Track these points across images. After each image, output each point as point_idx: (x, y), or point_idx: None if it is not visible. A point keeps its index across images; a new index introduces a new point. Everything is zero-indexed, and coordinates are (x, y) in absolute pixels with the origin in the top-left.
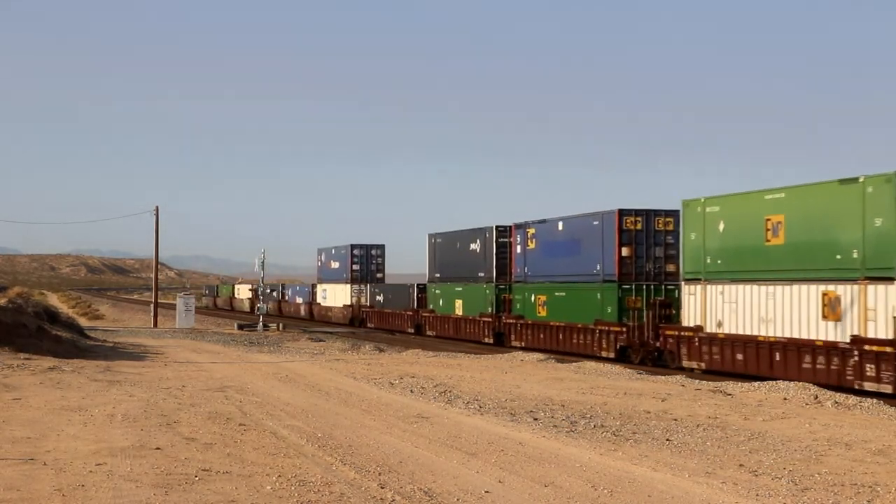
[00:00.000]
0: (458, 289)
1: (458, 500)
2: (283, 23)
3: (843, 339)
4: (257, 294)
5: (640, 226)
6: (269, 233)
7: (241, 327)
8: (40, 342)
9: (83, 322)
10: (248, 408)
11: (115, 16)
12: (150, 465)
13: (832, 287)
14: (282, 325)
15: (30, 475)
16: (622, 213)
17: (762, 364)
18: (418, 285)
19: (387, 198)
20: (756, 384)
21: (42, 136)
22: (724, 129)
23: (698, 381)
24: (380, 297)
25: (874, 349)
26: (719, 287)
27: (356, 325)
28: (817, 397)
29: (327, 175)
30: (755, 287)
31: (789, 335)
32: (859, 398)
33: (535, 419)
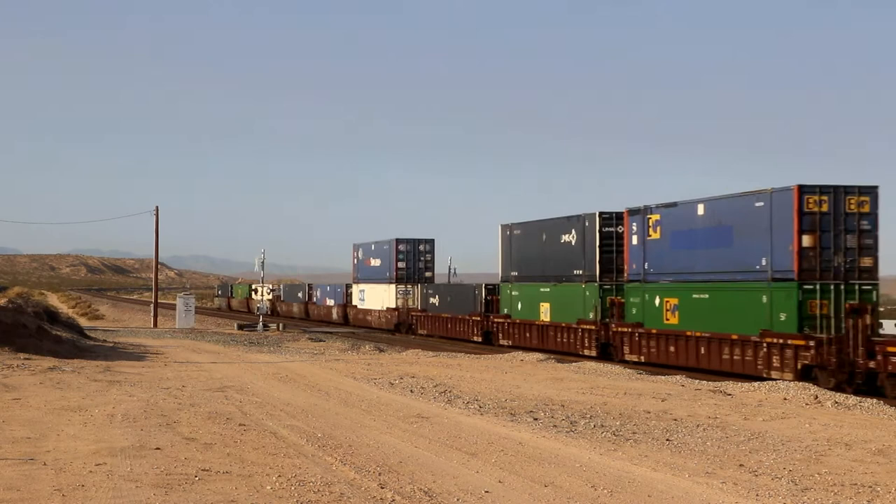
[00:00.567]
0: (545, 290)
1: (458, 500)
2: (282, 22)
3: None
4: (280, 296)
5: (825, 207)
6: (270, 233)
7: (241, 327)
8: (40, 342)
9: (83, 322)
10: (248, 408)
11: (115, 15)
12: (150, 465)
13: None
14: (282, 326)
15: (30, 475)
16: (802, 189)
17: None
18: (487, 286)
19: (387, 198)
20: (756, 384)
21: (42, 136)
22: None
23: (698, 381)
24: (434, 300)
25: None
26: None
27: (403, 331)
28: (817, 397)
29: (327, 175)
30: None
31: None
32: (859, 398)
33: (535, 419)
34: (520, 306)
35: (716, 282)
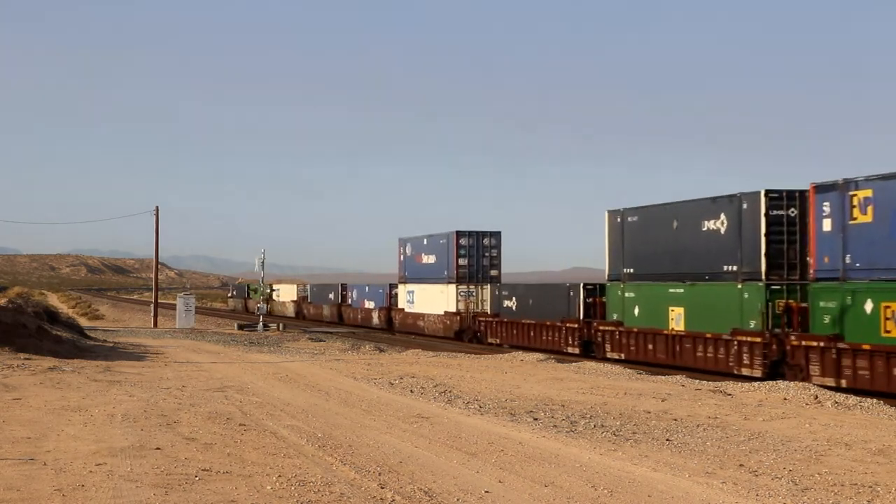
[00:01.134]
0: (676, 291)
1: (458, 500)
2: (282, 22)
3: None
4: (306, 297)
5: None
6: (270, 233)
7: (241, 327)
8: (40, 342)
9: (83, 322)
10: (248, 408)
11: (115, 15)
12: (150, 465)
13: None
14: (282, 326)
15: (30, 475)
16: None
17: None
18: (587, 286)
19: (387, 199)
20: (756, 384)
21: (42, 136)
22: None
23: (698, 381)
24: (510, 303)
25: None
26: None
27: (466, 338)
28: (817, 397)
29: (325, 175)
30: None
31: None
32: (859, 398)
33: (535, 419)
34: (637, 311)
35: None
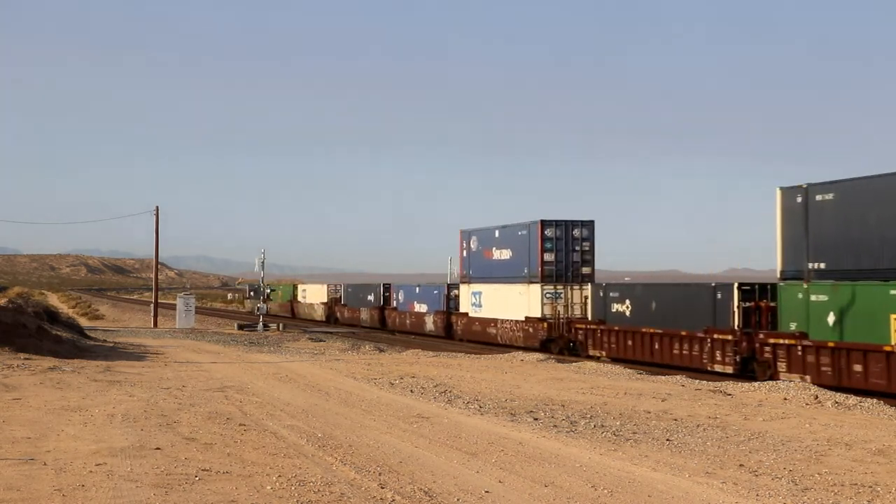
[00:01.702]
0: None
1: (458, 500)
2: (282, 22)
3: None
4: (339, 299)
5: None
6: (270, 233)
7: (241, 327)
8: (40, 342)
9: (83, 322)
10: (248, 408)
11: (115, 15)
12: (150, 465)
13: None
14: (282, 326)
15: (30, 475)
16: None
17: None
18: (742, 287)
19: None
20: (756, 384)
21: (42, 136)
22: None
23: (698, 381)
24: (622, 307)
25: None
26: None
27: (556, 350)
28: (817, 397)
29: (327, 175)
30: None
31: None
32: (859, 398)
33: (536, 419)
34: (831, 319)
35: None
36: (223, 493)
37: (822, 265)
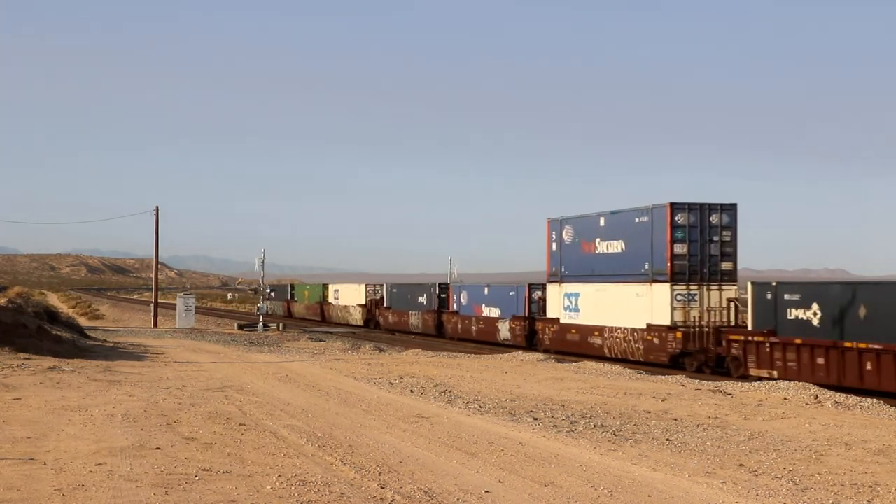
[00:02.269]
0: None
1: (458, 500)
2: (282, 21)
3: None
4: (381, 301)
5: None
6: (270, 233)
7: (241, 327)
8: (40, 342)
9: (83, 322)
10: (248, 408)
11: (116, 15)
12: (150, 465)
13: None
14: (282, 325)
15: (30, 475)
16: None
17: None
18: None
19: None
20: (756, 384)
21: (42, 136)
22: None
23: (698, 381)
24: (807, 313)
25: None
26: None
27: (697, 366)
28: (817, 397)
29: (327, 174)
30: None
31: None
32: (859, 398)
33: (535, 419)
34: None
35: None
36: (223, 492)
37: None
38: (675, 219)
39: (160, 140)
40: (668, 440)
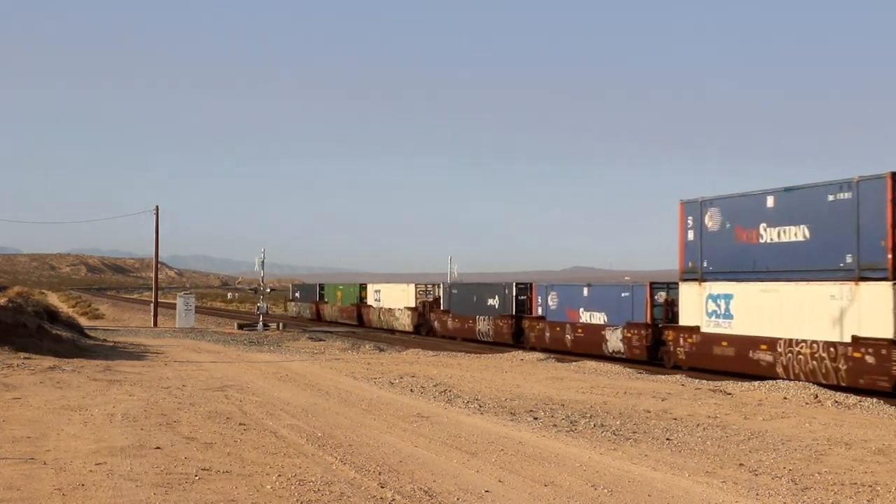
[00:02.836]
0: None
1: (458, 499)
2: (283, 21)
3: None
4: (437, 303)
5: None
6: (270, 233)
7: (241, 327)
8: (40, 341)
9: (83, 321)
10: (248, 407)
11: (116, 16)
12: (149, 465)
13: None
14: (282, 325)
15: (30, 475)
16: None
17: None
18: None
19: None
20: (756, 383)
21: (42, 136)
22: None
23: (698, 381)
24: None
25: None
26: None
27: None
28: (817, 396)
29: (327, 174)
30: None
31: None
32: (859, 398)
33: (535, 418)
34: None
35: None
36: (223, 492)
37: None
38: None
39: (160, 140)
40: (668, 440)
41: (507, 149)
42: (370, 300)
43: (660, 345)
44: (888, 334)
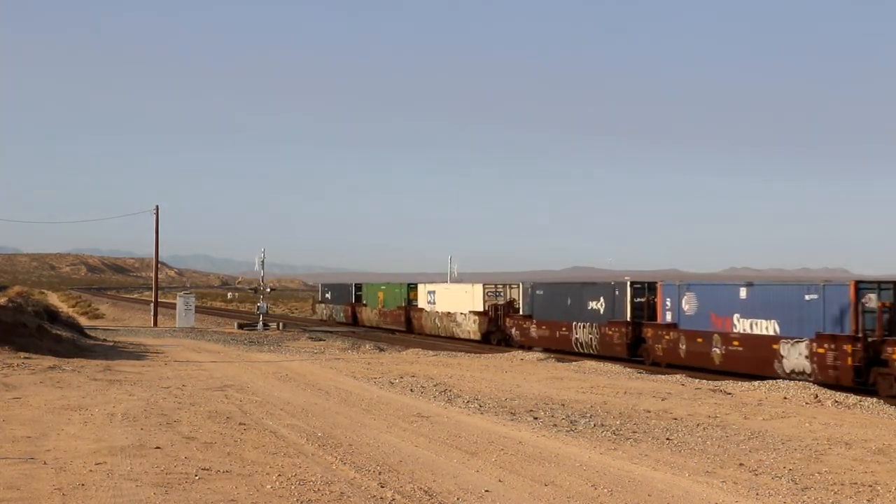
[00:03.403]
0: None
1: (458, 499)
2: (283, 21)
3: None
4: (512, 307)
5: None
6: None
7: (241, 326)
8: (40, 341)
9: (83, 321)
10: (249, 407)
11: (115, 14)
12: (150, 465)
13: None
14: (282, 325)
15: (30, 474)
16: None
17: None
18: None
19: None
20: (756, 383)
21: (42, 136)
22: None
23: (698, 381)
24: None
25: None
26: None
27: None
28: (817, 396)
29: (327, 174)
30: None
31: None
32: (859, 398)
33: (535, 418)
34: None
35: None
36: (223, 492)
37: None
38: None
39: (160, 139)
40: (668, 439)
41: (507, 149)
42: (421, 303)
43: (873, 364)
44: None
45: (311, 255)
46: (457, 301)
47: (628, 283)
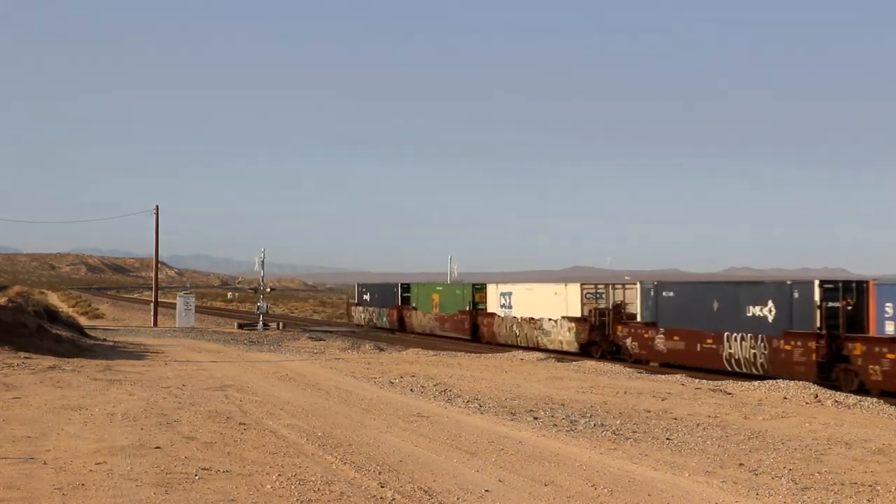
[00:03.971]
0: None
1: (458, 499)
2: (282, 21)
3: None
4: (618, 312)
5: None
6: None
7: (241, 326)
8: (40, 341)
9: (83, 321)
10: (248, 407)
11: (115, 13)
12: (150, 465)
13: None
14: (282, 325)
15: (30, 474)
16: None
17: None
18: None
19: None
20: (756, 383)
21: (42, 135)
22: None
23: (698, 381)
24: None
25: None
26: None
27: None
28: (817, 396)
29: (327, 174)
30: None
31: None
32: (859, 397)
33: (535, 418)
34: None
35: None
36: (223, 491)
37: None
38: None
39: (160, 139)
40: (668, 439)
41: (507, 148)
42: (492, 306)
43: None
44: None
45: (311, 255)
46: (543, 304)
47: (816, 284)
